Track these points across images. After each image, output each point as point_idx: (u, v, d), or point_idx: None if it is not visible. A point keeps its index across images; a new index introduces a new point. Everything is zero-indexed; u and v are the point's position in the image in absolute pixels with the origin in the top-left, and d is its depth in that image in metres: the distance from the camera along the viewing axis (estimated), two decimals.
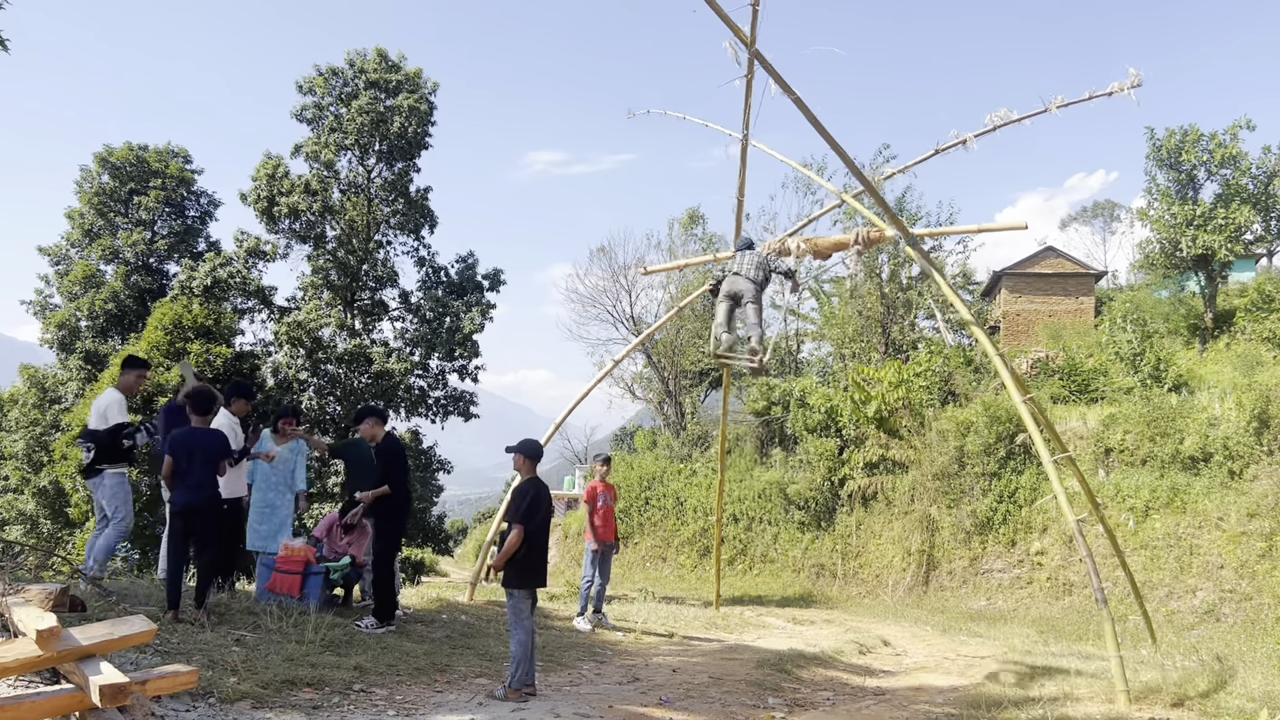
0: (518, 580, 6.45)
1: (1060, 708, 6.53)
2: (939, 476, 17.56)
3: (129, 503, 7.62)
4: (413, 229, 28.50)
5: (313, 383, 25.81)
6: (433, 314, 27.41)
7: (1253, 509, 13.59)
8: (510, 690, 6.19)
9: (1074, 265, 33.57)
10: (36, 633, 4.07)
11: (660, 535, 22.84)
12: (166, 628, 6.30)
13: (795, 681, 8.05)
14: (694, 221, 32.10)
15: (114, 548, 7.62)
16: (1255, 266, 31.42)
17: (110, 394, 7.61)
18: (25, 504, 23.82)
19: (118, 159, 29.46)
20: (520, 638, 6.31)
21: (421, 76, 27.74)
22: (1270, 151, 25.87)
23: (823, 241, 10.32)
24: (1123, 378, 18.95)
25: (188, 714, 4.82)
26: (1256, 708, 6.07)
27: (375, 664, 6.58)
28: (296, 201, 26.40)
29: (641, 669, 8.04)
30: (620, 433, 42.17)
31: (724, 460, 14.43)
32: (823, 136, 7.77)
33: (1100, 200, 55.84)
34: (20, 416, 25.24)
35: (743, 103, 8.53)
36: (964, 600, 15.89)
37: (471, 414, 28.43)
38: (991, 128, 9.23)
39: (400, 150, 27.44)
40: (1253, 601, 12.70)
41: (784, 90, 7.46)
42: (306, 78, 27.37)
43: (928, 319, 27.30)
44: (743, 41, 7.46)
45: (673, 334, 29.61)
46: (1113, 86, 8.76)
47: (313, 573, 8.03)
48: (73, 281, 28.46)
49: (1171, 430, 15.51)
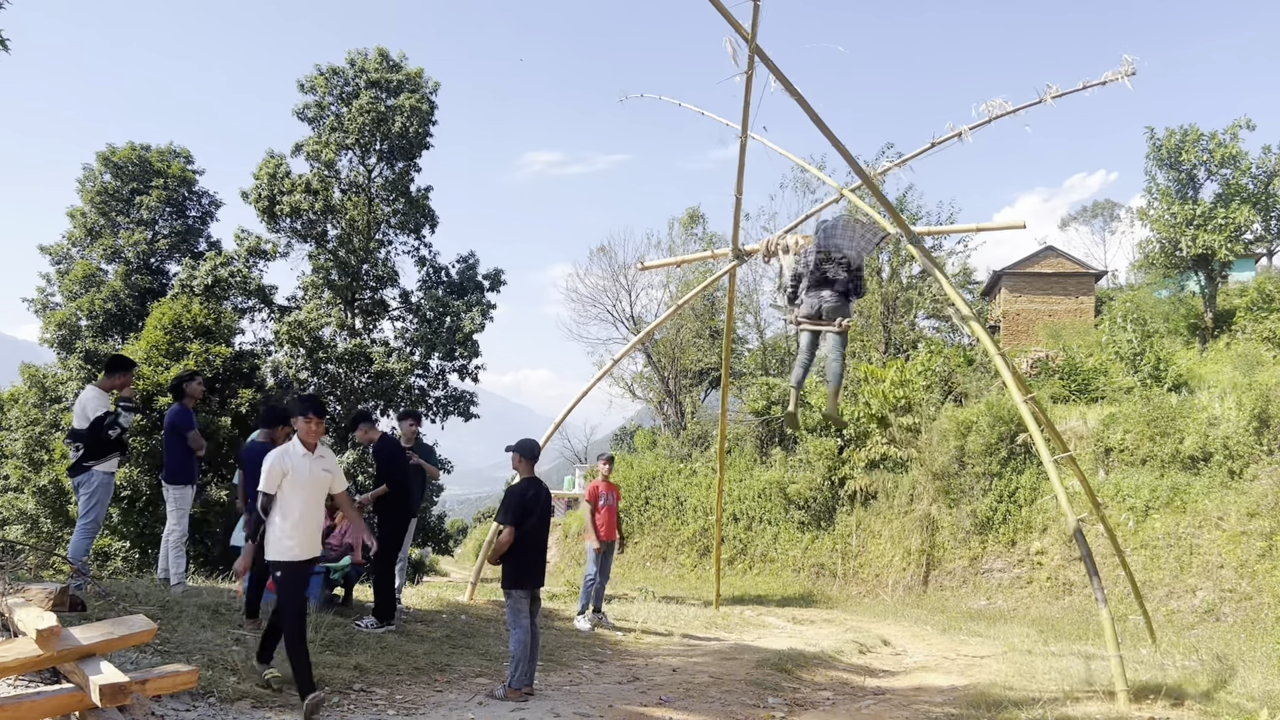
0: (514, 580, 6.45)
1: (1060, 708, 6.53)
2: (939, 476, 17.56)
3: (105, 504, 7.56)
4: (413, 228, 28.49)
5: (313, 382, 25.79)
6: (433, 314, 27.41)
7: (1253, 509, 13.60)
8: (510, 690, 6.20)
9: (1074, 265, 33.56)
10: (36, 632, 4.07)
11: (660, 535, 22.83)
12: (167, 627, 6.30)
13: (795, 681, 8.05)
14: (694, 221, 32.11)
15: (88, 547, 7.55)
16: (1255, 266, 31.41)
17: (87, 391, 7.57)
18: (25, 503, 23.81)
19: (120, 158, 29.45)
20: (519, 637, 6.31)
21: (423, 76, 27.75)
22: (1270, 151, 25.86)
23: None
24: (1123, 377, 18.95)
25: (188, 714, 4.83)
26: (1256, 707, 6.07)
27: (375, 664, 6.58)
28: (298, 200, 26.41)
29: (641, 669, 8.05)
30: (620, 432, 42.17)
31: (724, 460, 14.42)
32: (824, 133, 7.76)
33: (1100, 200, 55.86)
34: (20, 416, 25.22)
35: (742, 100, 8.51)
36: (964, 600, 15.89)
37: (471, 414, 28.41)
38: (987, 119, 9.21)
39: (401, 150, 27.44)
40: (1253, 601, 12.71)
41: (785, 87, 7.44)
42: (308, 76, 27.38)
43: (928, 318, 27.31)
44: (743, 37, 7.43)
45: (673, 333, 29.62)
46: (1106, 75, 8.75)
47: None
48: (73, 280, 28.43)
49: (1171, 430, 15.51)
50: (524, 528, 6.42)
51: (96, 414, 7.34)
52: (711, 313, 30.04)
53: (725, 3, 6.89)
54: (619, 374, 31.31)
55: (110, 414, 7.38)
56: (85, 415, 7.37)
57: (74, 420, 7.52)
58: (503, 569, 6.48)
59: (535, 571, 6.59)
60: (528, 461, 6.73)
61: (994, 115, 9.18)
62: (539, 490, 6.63)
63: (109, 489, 7.55)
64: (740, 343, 30.40)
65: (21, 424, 25.00)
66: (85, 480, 7.39)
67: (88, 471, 7.35)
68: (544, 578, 6.75)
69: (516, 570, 6.43)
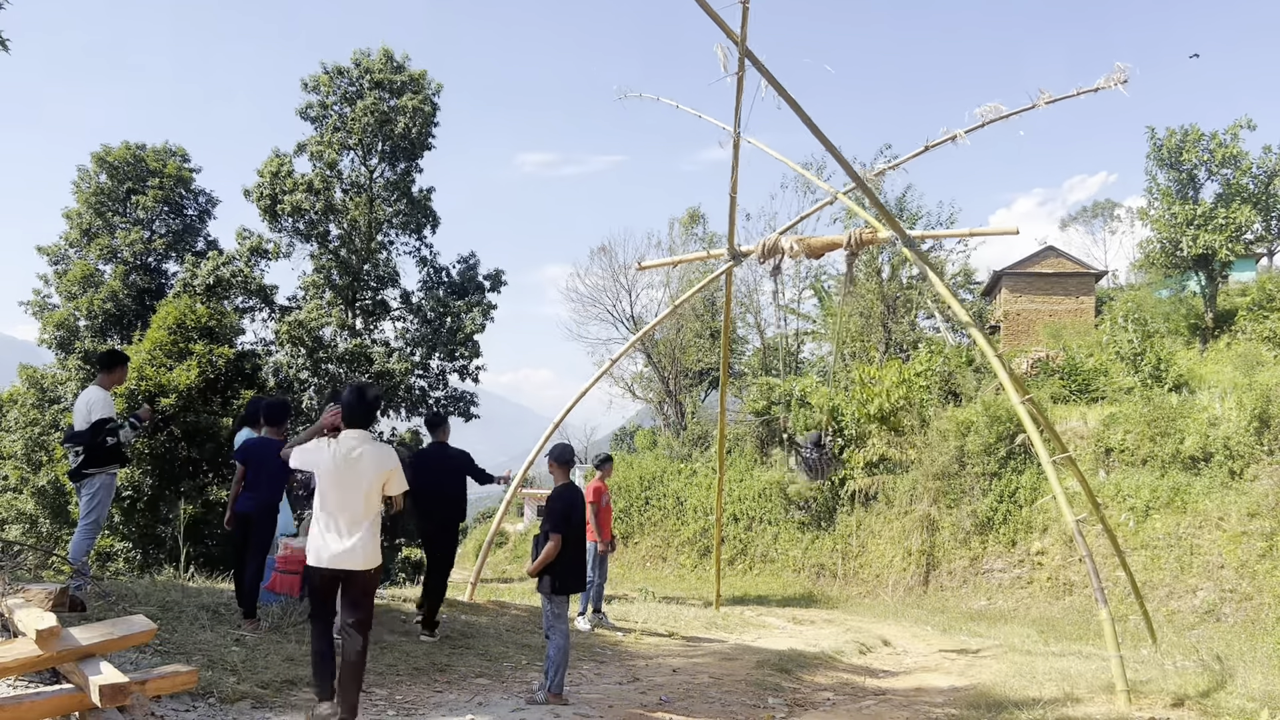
0: (556, 585, 6.41)
1: (1060, 708, 6.53)
2: (939, 476, 17.55)
3: (106, 505, 7.49)
4: (415, 229, 28.52)
5: (313, 382, 25.79)
6: (434, 314, 27.43)
7: (1253, 509, 13.60)
8: (550, 694, 6.20)
9: (1074, 265, 33.55)
10: (36, 632, 4.07)
11: (660, 535, 22.83)
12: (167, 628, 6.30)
13: (795, 681, 8.05)
14: (694, 221, 32.14)
15: (89, 548, 7.51)
16: (1255, 266, 31.41)
17: (92, 391, 7.40)
18: (25, 503, 23.82)
19: (115, 159, 29.43)
20: (559, 643, 6.29)
21: (426, 78, 27.77)
22: (1270, 151, 25.88)
23: (815, 241, 10.32)
24: (1123, 377, 18.94)
25: (188, 714, 4.83)
26: (1256, 708, 6.07)
27: (375, 664, 6.58)
28: (300, 200, 26.42)
29: (642, 669, 8.04)
30: (620, 432, 42.14)
31: (723, 460, 14.42)
32: (816, 136, 7.75)
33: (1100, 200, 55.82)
34: (19, 416, 25.23)
35: (734, 102, 8.53)
36: (964, 600, 15.89)
37: (472, 414, 28.42)
38: (981, 123, 9.26)
39: (403, 150, 27.47)
40: (1253, 601, 12.71)
41: (776, 90, 7.44)
42: (312, 76, 27.41)
43: (928, 319, 27.30)
44: (733, 40, 7.44)
45: (673, 333, 29.63)
46: (1099, 82, 8.80)
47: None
48: (71, 281, 28.41)
49: (1172, 430, 15.51)
50: (565, 534, 6.41)
51: (100, 415, 7.21)
52: (712, 313, 30.06)
53: (715, 6, 6.90)
54: (619, 374, 31.34)
55: (114, 423, 7.27)
56: (88, 417, 7.22)
57: (74, 420, 7.42)
58: (542, 576, 6.44)
59: (577, 577, 6.62)
60: (563, 467, 6.67)
61: (988, 120, 9.24)
62: (575, 496, 6.63)
63: (110, 490, 7.49)
64: (740, 343, 30.41)
65: (20, 425, 25.01)
66: (87, 482, 7.29)
67: (88, 477, 7.27)
68: (584, 582, 6.78)
69: (557, 576, 6.40)
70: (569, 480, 6.68)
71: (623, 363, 27.72)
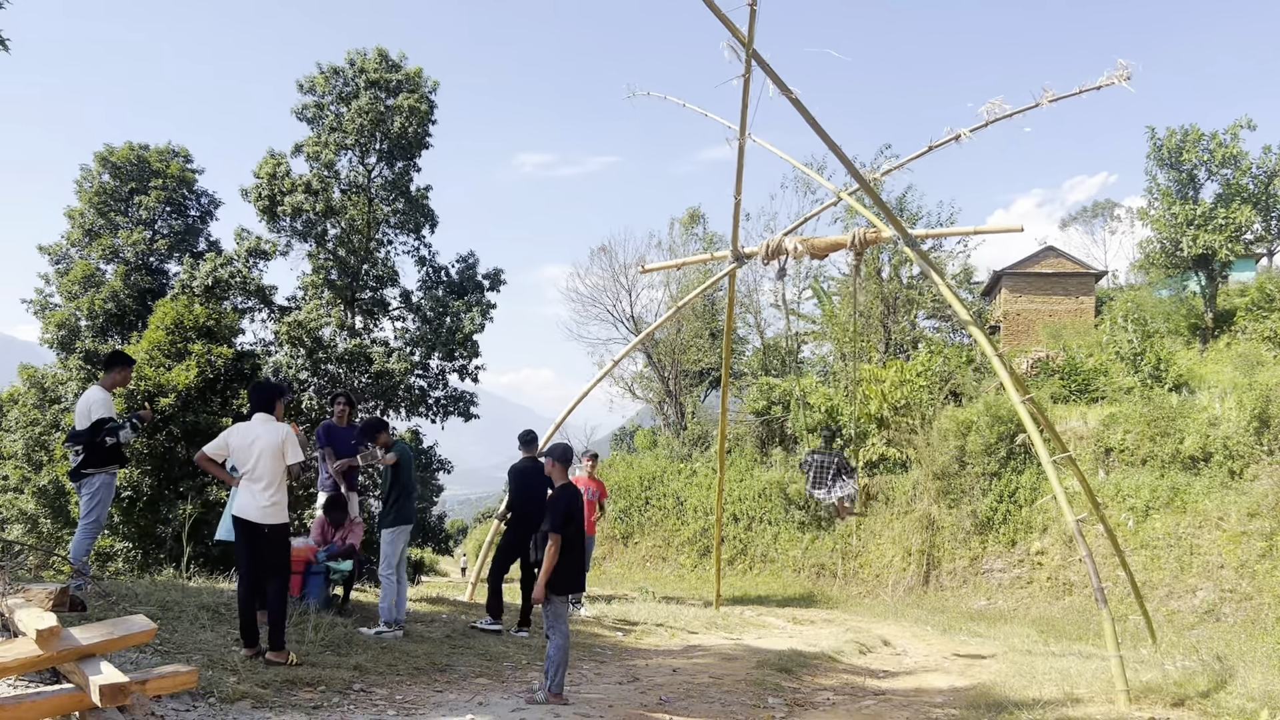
0: (557, 585, 6.37)
1: (1060, 708, 6.53)
2: (939, 476, 17.56)
3: (106, 505, 7.49)
4: (413, 228, 28.48)
5: (313, 382, 25.77)
6: (433, 314, 27.40)
7: (1253, 509, 13.60)
8: (551, 694, 6.20)
9: (1074, 265, 33.55)
10: (36, 632, 4.07)
11: (660, 535, 22.83)
12: (167, 628, 6.30)
13: (795, 681, 8.05)
14: (694, 221, 32.13)
15: (89, 548, 7.50)
16: (1255, 266, 31.40)
17: (93, 391, 7.41)
18: (25, 503, 23.80)
19: (118, 158, 29.44)
20: (559, 642, 6.28)
21: (422, 76, 27.74)
22: (1270, 151, 25.86)
23: (819, 242, 10.31)
24: (1123, 377, 18.94)
25: (188, 714, 4.83)
26: (1256, 708, 6.07)
27: (375, 664, 6.58)
28: (299, 200, 26.41)
29: (642, 669, 8.04)
30: (620, 432, 42.15)
31: (724, 460, 14.43)
32: (820, 136, 7.76)
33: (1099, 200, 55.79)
34: (20, 416, 25.22)
35: (740, 102, 8.51)
36: (964, 600, 15.89)
37: (472, 414, 28.39)
38: (984, 122, 9.23)
39: (401, 150, 27.43)
40: (1253, 601, 12.71)
41: (781, 90, 7.44)
42: (307, 77, 27.36)
43: (929, 318, 27.31)
44: (740, 41, 7.44)
45: (673, 333, 29.63)
46: (1102, 79, 8.77)
47: (313, 572, 8.02)
48: (73, 281, 28.41)
49: (1172, 430, 15.51)
50: (566, 534, 6.39)
51: (101, 415, 7.22)
52: (712, 313, 30.06)
53: (723, 6, 6.91)
54: (619, 374, 31.35)
55: (114, 423, 7.26)
56: (89, 416, 7.24)
57: (75, 420, 7.44)
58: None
59: (577, 576, 6.59)
60: (562, 466, 6.65)
61: (992, 118, 9.20)
62: (575, 495, 6.62)
63: (111, 489, 7.49)
64: (741, 343, 30.41)
65: (21, 424, 25.00)
66: (87, 481, 7.30)
67: (88, 477, 7.27)
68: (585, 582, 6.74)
69: (559, 576, 6.37)
70: (567, 480, 6.69)
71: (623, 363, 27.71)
